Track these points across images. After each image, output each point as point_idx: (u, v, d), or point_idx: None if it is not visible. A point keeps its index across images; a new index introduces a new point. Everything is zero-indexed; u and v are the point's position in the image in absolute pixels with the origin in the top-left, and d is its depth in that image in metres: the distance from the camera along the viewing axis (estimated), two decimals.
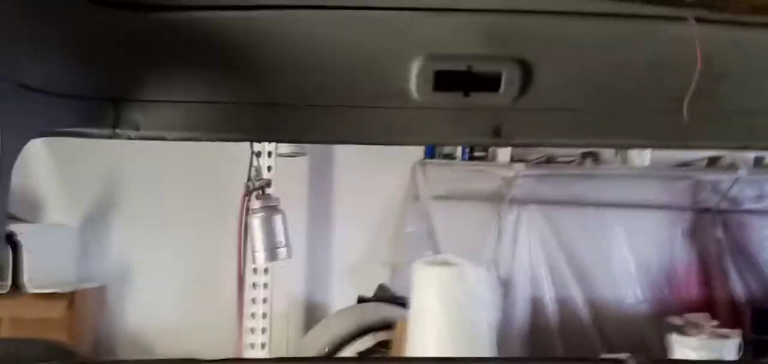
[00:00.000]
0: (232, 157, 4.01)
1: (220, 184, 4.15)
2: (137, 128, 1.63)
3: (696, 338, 3.31)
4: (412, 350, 3.05)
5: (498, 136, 1.69)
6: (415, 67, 1.54)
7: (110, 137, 1.63)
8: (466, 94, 1.58)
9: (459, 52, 1.53)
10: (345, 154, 4.42)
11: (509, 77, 1.54)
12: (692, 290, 4.14)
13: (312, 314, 4.30)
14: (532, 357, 3.35)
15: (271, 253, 3.18)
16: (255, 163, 3.33)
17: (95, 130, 1.62)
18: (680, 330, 3.47)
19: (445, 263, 3.00)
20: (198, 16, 1.45)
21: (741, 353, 3.30)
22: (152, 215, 4.19)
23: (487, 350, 2.97)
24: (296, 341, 4.06)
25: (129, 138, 1.66)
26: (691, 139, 1.64)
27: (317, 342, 3.66)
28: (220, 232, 4.12)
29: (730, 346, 3.27)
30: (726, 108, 1.57)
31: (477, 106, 1.63)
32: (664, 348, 3.72)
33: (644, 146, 3.48)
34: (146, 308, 4.18)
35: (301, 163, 4.36)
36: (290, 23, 1.49)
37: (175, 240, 4.17)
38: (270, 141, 2.85)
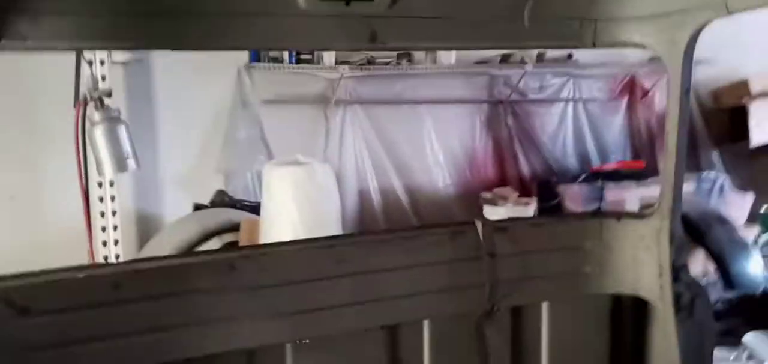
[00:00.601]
0: (36, 66, 3.75)
1: (23, 95, 3.85)
2: (25, 39, 1.58)
3: (504, 207, 3.98)
4: None
5: (374, 41, 1.92)
6: None
7: None
8: (347, 3, 1.78)
9: None
10: (164, 61, 4.30)
11: None
12: (489, 171, 4.85)
13: (146, 227, 4.25)
14: (394, 229, 3.68)
15: (119, 164, 3.11)
16: (89, 72, 3.18)
17: None
18: (491, 202, 4.13)
19: (295, 162, 3.21)
20: None
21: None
22: None
23: None
24: (134, 254, 4.01)
25: (16, 50, 1.60)
26: (530, 40, 2.02)
27: (160, 251, 3.68)
28: (36, 146, 3.88)
29: (530, 211, 4.00)
30: (556, 15, 1.97)
31: (356, 14, 1.83)
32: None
33: (495, 48, 3.99)
34: None
35: (116, 72, 4.14)
36: None
37: None
38: (156, 49, 2.74)
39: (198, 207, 4.13)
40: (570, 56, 4.78)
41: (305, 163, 3.19)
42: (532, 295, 2.17)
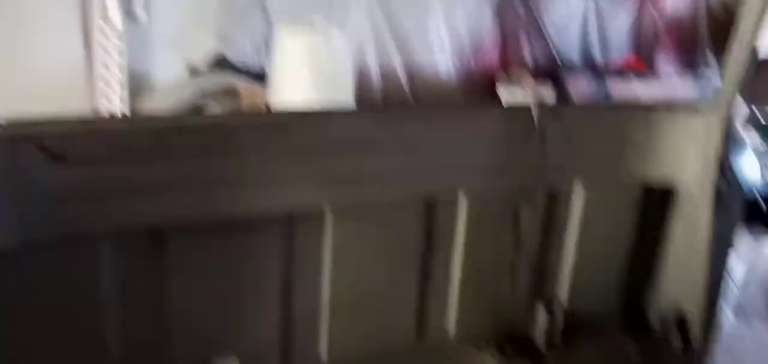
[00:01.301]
0: None
1: None
2: None
3: (522, 87, 3.89)
4: None
5: None
6: None
7: None
8: None
9: None
10: None
11: None
12: (494, 59, 4.71)
13: (135, 86, 4.02)
14: (447, 104, 3.50)
15: (129, 14, 2.89)
16: None
17: None
18: (508, 81, 4.02)
19: (310, 27, 3.03)
20: None
21: None
22: None
23: None
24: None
25: None
26: None
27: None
28: None
29: (549, 94, 3.92)
30: None
31: None
32: None
33: None
34: None
35: None
36: None
37: None
38: None
39: (194, 69, 3.93)
40: None
41: (321, 28, 3.02)
42: (573, 180, 2.14)
